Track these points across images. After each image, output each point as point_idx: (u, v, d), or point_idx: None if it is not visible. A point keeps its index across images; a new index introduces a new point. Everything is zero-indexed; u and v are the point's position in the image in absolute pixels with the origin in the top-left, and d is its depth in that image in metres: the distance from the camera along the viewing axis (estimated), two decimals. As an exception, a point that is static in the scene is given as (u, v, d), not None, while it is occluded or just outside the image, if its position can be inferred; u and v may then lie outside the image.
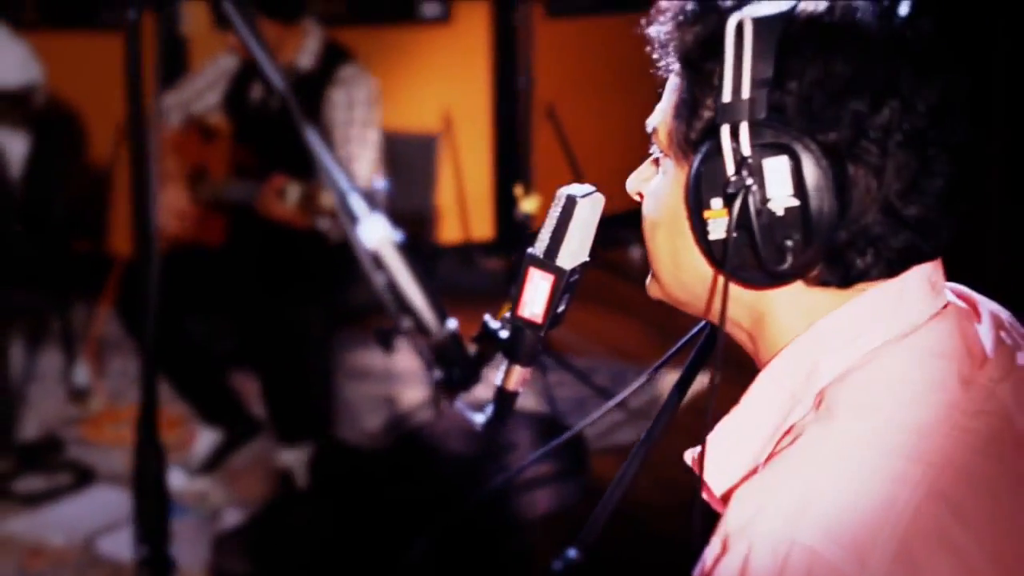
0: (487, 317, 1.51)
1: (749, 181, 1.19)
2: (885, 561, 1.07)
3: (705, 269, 1.29)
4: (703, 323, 1.50)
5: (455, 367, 1.56)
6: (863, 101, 1.19)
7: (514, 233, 5.13)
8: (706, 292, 1.31)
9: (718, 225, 1.23)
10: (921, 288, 1.26)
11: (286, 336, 4.25)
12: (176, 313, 4.42)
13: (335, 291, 4.31)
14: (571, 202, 1.42)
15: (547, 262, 1.44)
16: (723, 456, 1.29)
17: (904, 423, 1.17)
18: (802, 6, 1.23)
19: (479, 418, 1.56)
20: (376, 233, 1.56)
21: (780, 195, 1.19)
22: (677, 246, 1.31)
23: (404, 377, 5.23)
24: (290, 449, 4.27)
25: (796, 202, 1.18)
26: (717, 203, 1.23)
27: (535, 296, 1.45)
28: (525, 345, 1.48)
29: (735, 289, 1.27)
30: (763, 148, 1.19)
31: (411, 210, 4.94)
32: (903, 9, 1.24)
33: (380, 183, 1.72)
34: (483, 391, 1.58)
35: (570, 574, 1.76)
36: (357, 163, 4.26)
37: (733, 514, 1.17)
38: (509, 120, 6.68)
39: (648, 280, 1.42)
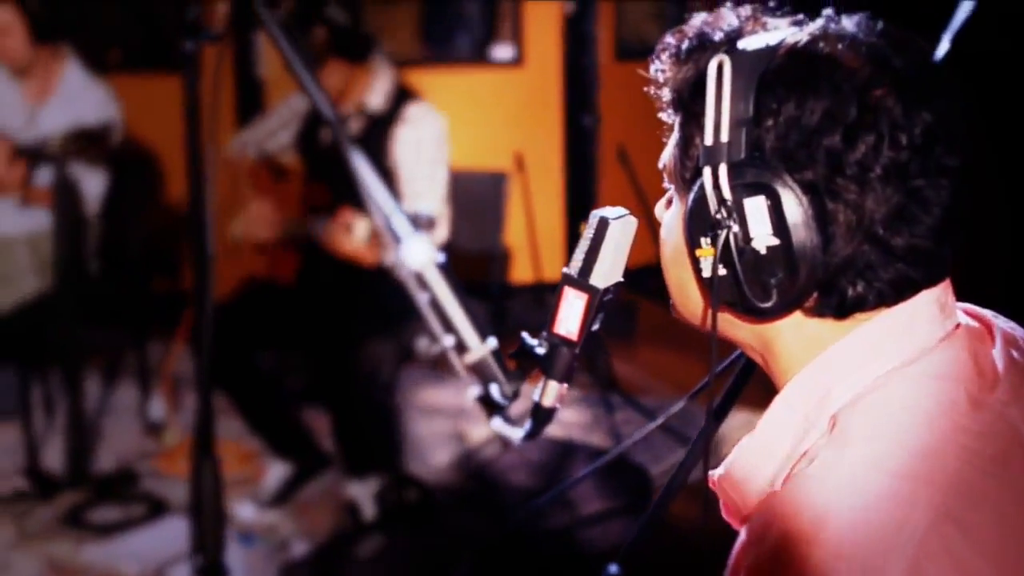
0: (524, 334, 1.56)
1: (730, 222, 1.23)
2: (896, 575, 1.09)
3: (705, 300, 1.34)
4: (738, 352, 1.53)
5: (494, 383, 1.61)
6: (837, 138, 1.20)
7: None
8: (722, 323, 1.34)
9: (708, 263, 1.27)
10: (930, 312, 1.28)
11: (355, 371, 4.31)
12: (249, 349, 4.51)
13: (404, 327, 4.36)
14: (604, 224, 1.47)
15: (581, 281, 1.49)
16: (742, 478, 1.32)
17: (914, 447, 1.19)
18: (787, 41, 1.25)
19: (517, 434, 1.61)
20: (419, 254, 1.62)
21: (762, 234, 1.22)
22: (683, 278, 1.35)
23: (473, 414, 5.27)
24: (357, 482, 4.31)
25: (777, 240, 1.21)
26: (706, 241, 1.27)
27: (570, 314, 1.51)
28: (561, 362, 1.53)
29: (732, 315, 1.32)
30: (743, 188, 1.22)
31: (480, 249, 5.00)
32: (893, 37, 1.26)
33: (426, 206, 1.76)
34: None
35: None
36: (425, 200, 4.32)
37: (754, 527, 1.22)
38: (580, 161, 6.73)
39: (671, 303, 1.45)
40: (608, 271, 1.49)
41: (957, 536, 1.12)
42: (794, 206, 1.20)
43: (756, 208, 1.22)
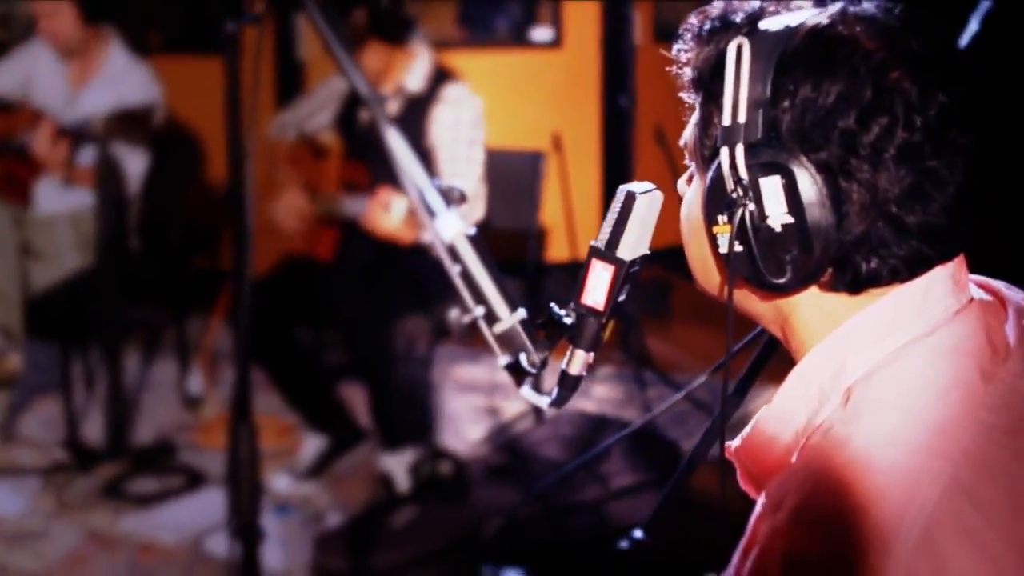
0: (553, 304, 1.61)
1: (746, 200, 1.27)
2: (908, 549, 1.13)
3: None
4: (759, 329, 1.56)
5: (523, 352, 1.66)
6: (851, 120, 1.24)
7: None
8: (736, 296, 1.38)
9: (724, 239, 1.31)
10: (944, 287, 1.31)
11: (391, 347, 4.37)
12: (287, 325, 4.57)
13: (440, 304, 4.41)
14: (630, 197, 1.52)
15: (608, 253, 1.53)
16: (758, 448, 1.37)
17: (926, 421, 1.22)
18: (806, 23, 1.29)
19: (544, 401, 1.66)
20: (452, 227, 1.68)
21: (776, 212, 1.26)
22: (702, 252, 1.40)
23: (507, 390, 5.33)
24: (392, 455, 4.38)
25: (792, 219, 1.25)
26: (723, 219, 1.31)
27: (597, 285, 1.55)
28: (588, 331, 1.58)
29: (748, 288, 1.36)
30: (759, 168, 1.26)
31: (516, 227, 5.04)
32: (913, 20, 1.29)
33: (457, 182, 1.81)
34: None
35: (635, 552, 1.87)
36: (463, 180, 4.37)
37: (770, 496, 1.25)
38: (617, 142, 6.76)
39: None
40: (634, 244, 1.53)
41: (968, 508, 1.15)
42: (808, 186, 1.24)
43: (771, 187, 1.25)
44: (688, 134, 1.42)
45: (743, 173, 1.27)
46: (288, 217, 4.51)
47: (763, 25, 1.31)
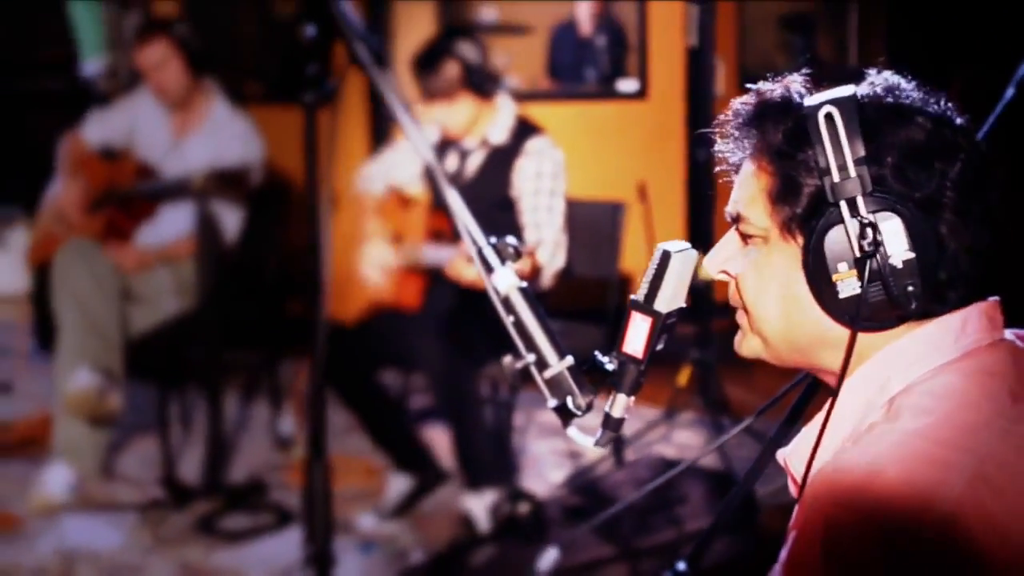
0: (597, 353, 1.76)
1: (875, 243, 1.43)
2: (936, 529, 1.29)
3: (820, 325, 1.53)
4: (804, 374, 1.72)
5: (570, 396, 1.81)
6: (942, 161, 1.44)
7: (702, 300, 5.30)
8: (815, 345, 1.56)
9: (847, 285, 1.47)
10: (980, 321, 1.49)
11: (475, 391, 4.51)
12: (374, 370, 4.74)
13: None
14: (666, 256, 1.67)
15: (647, 306, 1.68)
16: (807, 455, 1.52)
17: (956, 422, 1.39)
18: (862, 92, 1.50)
19: (590, 441, 1.80)
20: (506, 281, 1.83)
21: (898, 251, 1.43)
22: (790, 309, 1.55)
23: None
24: (474, 495, 4.50)
25: (911, 254, 1.43)
26: (843, 267, 1.47)
27: (637, 335, 1.70)
28: (629, 377, 1.73)
29: (836, 337, 1.51)
30: (876, 213, 1.43)
31: (597, 275, 5.15)
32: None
33: (512, 239, 1.92)
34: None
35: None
36: (545, 229, 4.52)
37: (811, 490, 1.41)
38: (700, 192, 6.86)
39: (742, 340, 1.66)
40: (671, 298, 1.68)
41: (990, 498, 1.31)
42: (918, 222, 1.43)
43: (892, 229, 1.43)
44: (742, 206, 1.59)
45: (867, 218, 1.44)
46: (372, 271, 4.66)
47: (825, 97, 1.49)
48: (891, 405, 1.46)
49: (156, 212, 5.28)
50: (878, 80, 1.54)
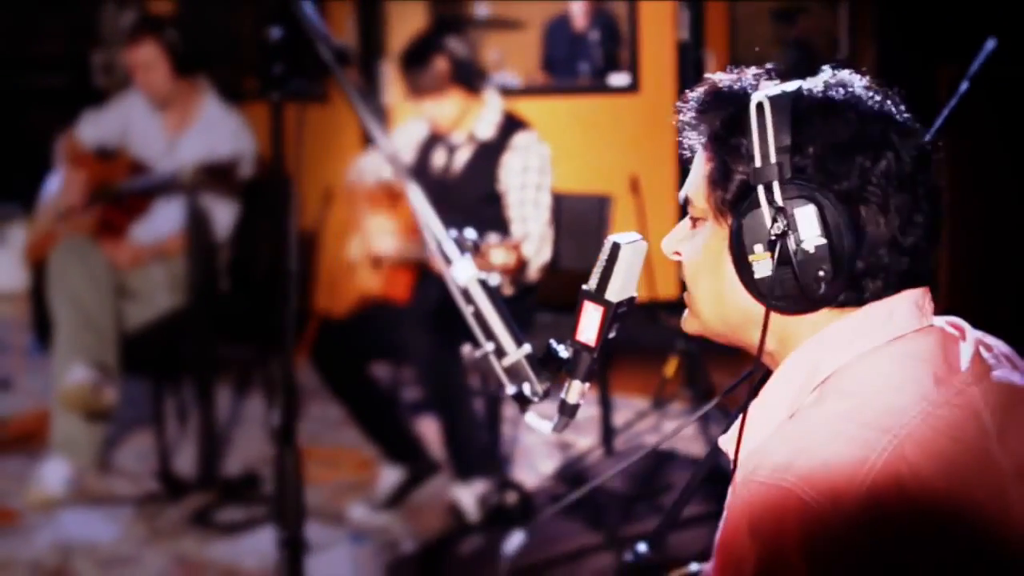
0: (552, 341, 1.83)
1: (786, 228, 1.50)
2: (854, 504, 1.36)
3: (746, 304, 1.60)
4: (751, 370, 1.79)
5: (527, 383, 1.87)
6: (866, 156, 1.51)
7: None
8: (744, 323, 1.62)
9: (762, 266, 1.54)
10: (908, 308, 1.56)
11: (462, 383, 4.56)
12: (364, 363, 4.80)
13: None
14: (616, 247, 1.74)
15: (598, 296, 1.75)
16: (746, 439, 1.59)
17: (878, 405, 1.46)
18: (804, 88, 1.57)
19: (547, 426, 1.87)
20: (466, 272, 1.90)
21: (811, 236, 1.50)
22: (720, 288, 1.62)
23: (580, 426, 5.50)
24: (463, 486, 4.56)
25: (824, 240, 1.49)
26: (759, 248, 1.53)
27: (589, 324, 1.76)
28: (583, 364, 1.79)
29: (761, 317, 1.57)
30: (793, 200, 1.50)
31: (584, 268, 5.20)
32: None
33: (471, 232, 1.97)
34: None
35: (639, 565, 2.06)
36: (531, 223, 4.57)
37: (741, 470, 1.49)
38: (691, 184, 6.90)
39: (685, 318, 1.73)
40: (621, 287, 1.74)
41: (910, 477, 1.38)
42: (834, 212, 1.49)
43: (806, 215, 1.50)
44: (693, 187, 1.67)
45: (780, 203, 1.51)
46: (379, 241, 4.68)
47: (768, 90, 1.56)
48: (820, 389, 1.53)
49: (150, 208, 5.33)
50: (828, 76, 1.61)
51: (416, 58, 4.72)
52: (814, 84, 1.59)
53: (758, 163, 1.52)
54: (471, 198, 4.68)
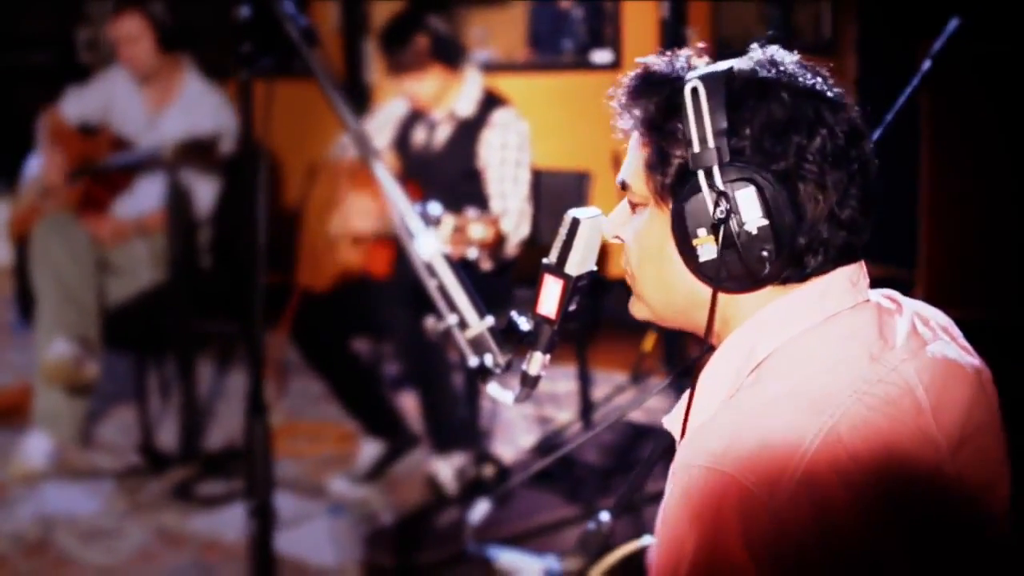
0: (513, 313, 1.86)
1: (728, 211, 1.52)
2: (790, 487, 1.39)
3: (692, 287, 1.61)
4: (702, 354, 1.82)
5: (489, 354, 1.91)
6: (801, 134, 1.52)
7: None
8: (690, 306, 1.64)
9: (706, 249, 1.55)
10: (842, 286, 1.58)
11: (440, 357, 4.60)
12: (345, 338, 4.83)
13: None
14: (575, 222, 1.77)
15: (558, 270, 1.78)
16: (688, 421, 1.61)
17: (813, 387, 1.48)
18: (736, 68, 1.58)
19: (508, 397, 1.91)
20: (429, 246, 1.94)
21: (752, 217, 1.51)
22: (664, 272, 1.64)
23: (559, 400, 5.56)
24: (440, 459, 4.61)
25: (766, 221, 1.50)
26: (702, 232, 1.55)
27: (549, 297, 1.80)
28: (543, 336, 1.83)
29: (706, 299, 1.59)
30: (733, 183, 1.52)
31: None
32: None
33: (436, 207, 2.00)
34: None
35: (600, 533, 2.11)
36: (510, 199, 4.60)
37: (679, 454, 1.51)
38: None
39: (632, 304, 1.74)
40: (580, 261, 1.78)
41: (845, 457, 1.41)
42: (774, 192, 1.51)
43: (747, 197, 1.51)
44: (631, 173, 1.67)
45: (721, 186, 1.52)
46: (359, 219, 4.70)
47: (698, 73, 1.57)
48: (756, 372, 1.55)
49: (132, 184, 5.35)
50: (757, 55, 1.61)
51: (396, 36, 4.74)
52: (745, 64, 1.60)
53: (696, 148, 1.53)
54: (451, 174, 4.71)
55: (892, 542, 1.42)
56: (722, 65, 1.59)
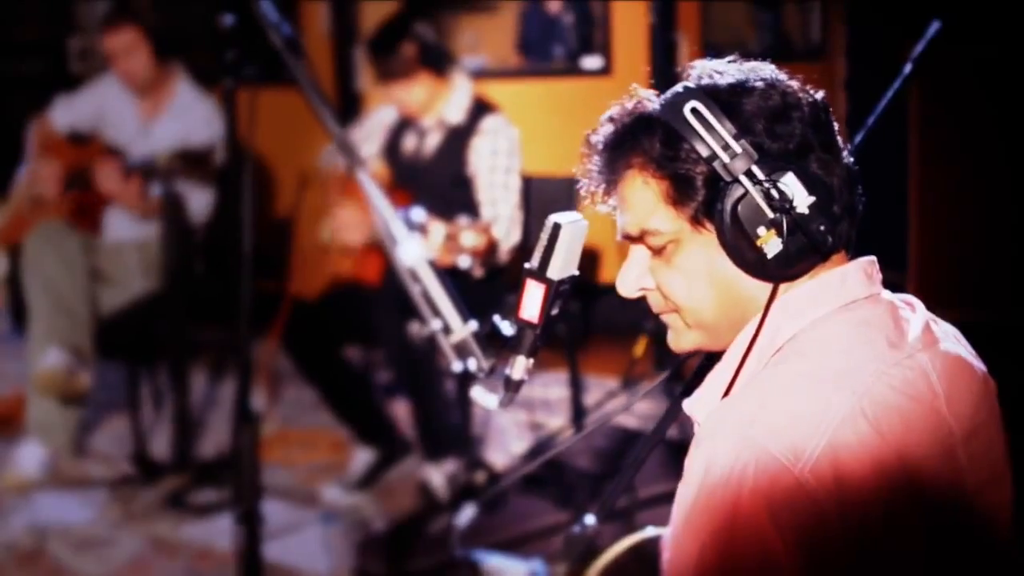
0: (496, 318, 1.88)
1: (781, 201, 1.57)
2: (814, 456, 1.44)
3: (750, 293, 1.64)
4: (688, 356, 1.85)
5: (473, 359, 1.92)
6: (797, 111, 1.60)
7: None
8: (745, 313, 1.66)
9: (772, 245, 1.59)
10: (858, 275, 1.64)
11: (431, 364, 4.59)
12: (337, 346, 4.83)
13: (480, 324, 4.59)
14: (557, 227, 1.80)
15: (540, 274, 1.80)
16: (709, 403, 1.66)
17: (837, 365, 1.54)
18: (699, 84, 1.65)
19: (493, 401, 1.92)
20: (413, 252, 1.95)
21: (801, 199, 1.57)
22: (723, 289, 1.66)
23: (551, 406, 5.57)
24: (432, 465, 4.61)
25: (812, 198, 1.56)
26: (762, 230, 1.58)
27: (532, 301, 1.81)
28: (526, 341, 1.84)
29: (763, 298, 1.62)
30: (773, 176, 1.57)
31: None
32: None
33: (419, 213, 2.02)
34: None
35: (585, 536, 2.12)
36: (500, 205, 4.61)
37: (704, 426, 1.57)
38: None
39: (679, 337, 1.75)
40: (562, 266, 1.80)
41: (868, 429, 1.47)
42: (802, 169, 1.58)
43: (789, 182, 1.57)
44: (648, 216, 1.67)
45: (768, 182, 1.57)
46: (347, 232, 4.70)
47: (690, 95, 1.63)
48: (779, 353, 1.60)
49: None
50: (697, 71, 1.68)
51: (383, 43, 4.74)
52: (705, 80, 1.66)
53: (725, 158, 1.57)
54: (441, 182, 4.72)
55: (911, 516, 1.46)
56: (681, 88, 1.66)
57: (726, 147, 1.57)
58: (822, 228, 1.56)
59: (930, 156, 5.51)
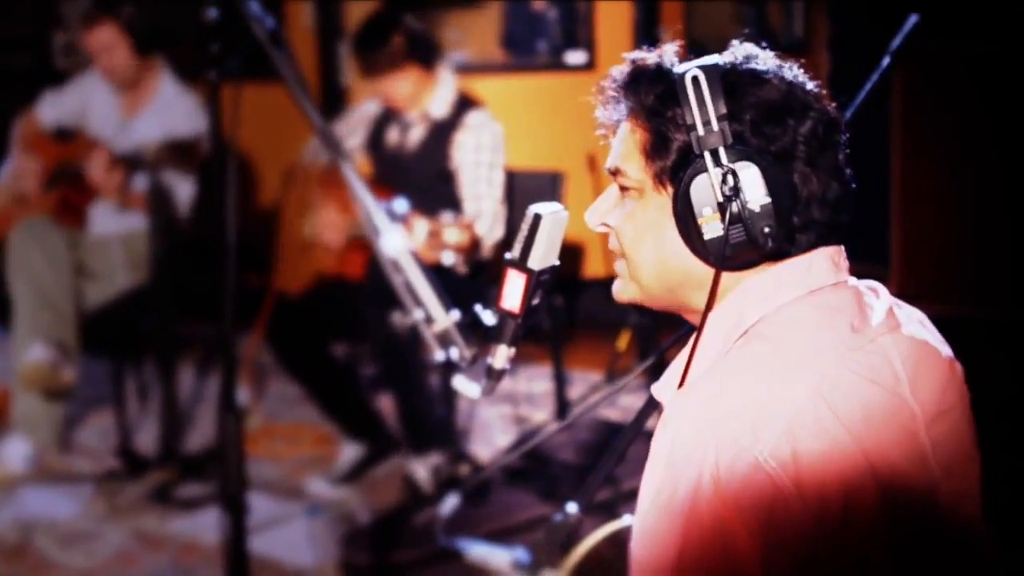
0: (478, 307, 1.89)
1: (734, 189, 1.58)
2: (773, 436, 1.46)
3: (688, 266, 1.67)
4: (680, 334, 1.88)
5: (455, 348, 1.94)
6: (794, 118, 1.61)
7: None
8: (682, 285, 1.69)
9: (711, 228, 1.61)
10: (825, 264, 1.66)
11: (416, 359, 4.61)
12: (322, 341, 4.84)
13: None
14: (537, 218, 1.82)
15: (521, 264, 1.82)
16: (673, 386, 1.67)
17: (799, 347, 1.56)
18: (725, 60, 1.66)
19: (475, 390, 1.94)
20: (395, 243, 1.96)
21: (755, 196, 1.58)
22: (663, 252, 1.68)
23: (535, 400, 5.58)
24: (417, 458, 4.63)
25: (768, 199, 1.58)
26: (707, 211, 1.61)
27: (512, 291, 1.83)
28: (507, 330, 1.86)
29: (702, 277, 1.65)
30: (736, 163, 1.59)
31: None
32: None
33: (402, 204, 2.05)
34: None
35: (566, 524, 2.14)
36: (484, 201, 4.62)
37: (668, 409, 1.60)
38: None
39: (620, 286, 1.78)
40: (543, 256, 1.82)
41: (828, 414, 1.48)
42: (773, 171, 1.59)
43: (750, 176, 1.59)
44: (619, 160, 1.72)
45: (728, 167, 1.59)
46: (327, 233, 4.73)
47: (700, 64, 1.65)
48: (745, 336, 1.62)
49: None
50: (739, 50, 1.69)
51: (372, 36, 4.74)
52: (733, 58, 1.68)
53: (701, 131, 1.60)
54: (424, 176, 4.73)
55: (871, 499, 1.47)
56: (711, 59, 1.67)
57: (707, 122, 1.60)
58: (766, 230, 1.58)
59: (912, 150, 5.54)
